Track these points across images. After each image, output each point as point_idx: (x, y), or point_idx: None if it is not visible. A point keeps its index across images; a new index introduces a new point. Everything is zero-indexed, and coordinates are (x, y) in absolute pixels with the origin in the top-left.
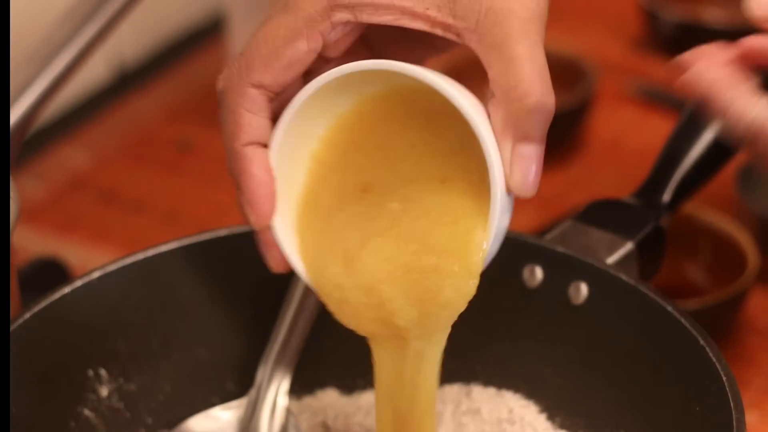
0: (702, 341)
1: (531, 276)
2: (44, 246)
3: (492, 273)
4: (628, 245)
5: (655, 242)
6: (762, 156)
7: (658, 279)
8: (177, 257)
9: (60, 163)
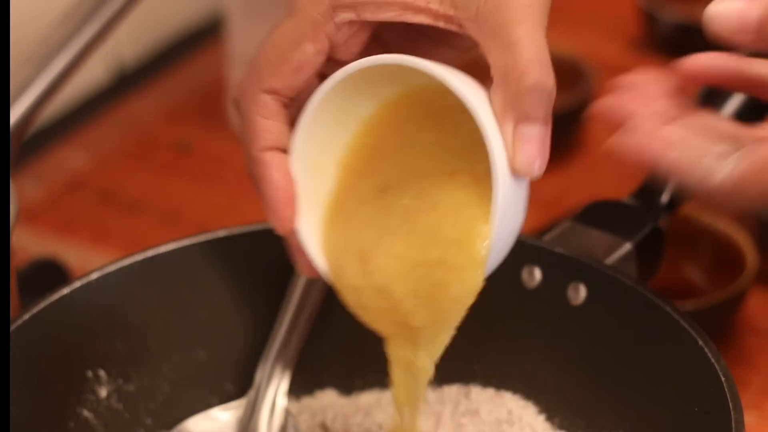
0: (701, 342)
1: (530, 277)
2: (43, 247)
3: (491, 274)
4: (627, 246)
5: (654, 243)
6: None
7: (657, 280)
8: (176, 258)
9: (59, 164)
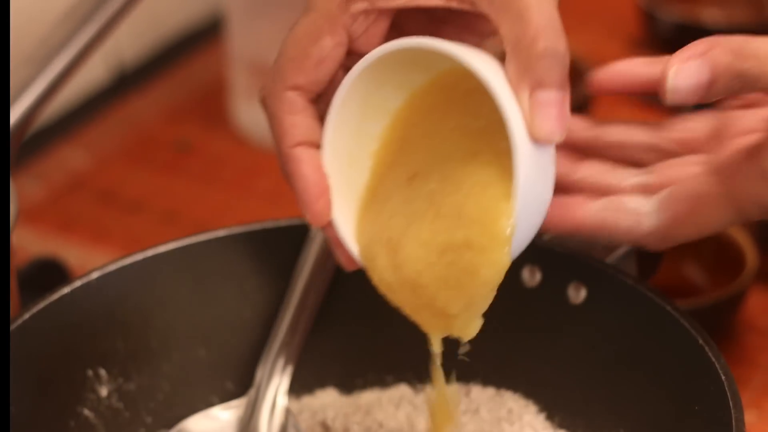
0: (701, 341)
1: (530, 276)
2: (43, 246)
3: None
4: (627, 245)
5: None
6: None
7: (657, 279)
8: (176, 257)
9: (59, 164)
